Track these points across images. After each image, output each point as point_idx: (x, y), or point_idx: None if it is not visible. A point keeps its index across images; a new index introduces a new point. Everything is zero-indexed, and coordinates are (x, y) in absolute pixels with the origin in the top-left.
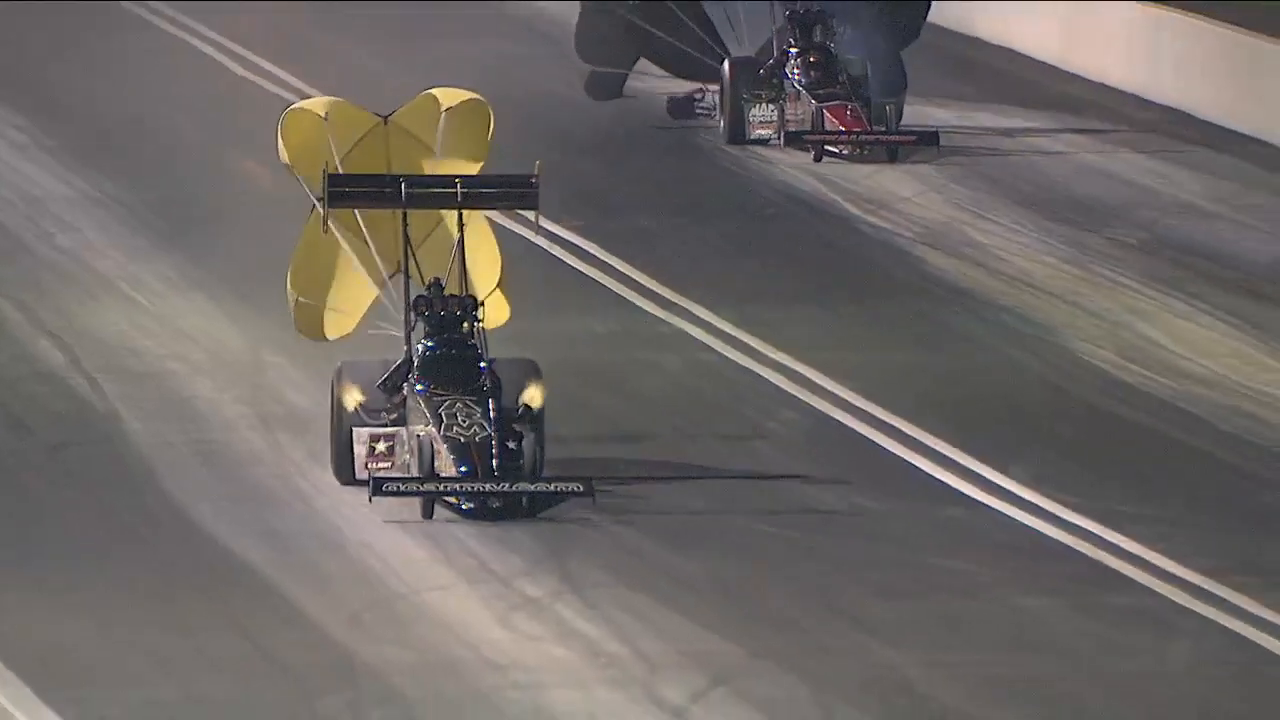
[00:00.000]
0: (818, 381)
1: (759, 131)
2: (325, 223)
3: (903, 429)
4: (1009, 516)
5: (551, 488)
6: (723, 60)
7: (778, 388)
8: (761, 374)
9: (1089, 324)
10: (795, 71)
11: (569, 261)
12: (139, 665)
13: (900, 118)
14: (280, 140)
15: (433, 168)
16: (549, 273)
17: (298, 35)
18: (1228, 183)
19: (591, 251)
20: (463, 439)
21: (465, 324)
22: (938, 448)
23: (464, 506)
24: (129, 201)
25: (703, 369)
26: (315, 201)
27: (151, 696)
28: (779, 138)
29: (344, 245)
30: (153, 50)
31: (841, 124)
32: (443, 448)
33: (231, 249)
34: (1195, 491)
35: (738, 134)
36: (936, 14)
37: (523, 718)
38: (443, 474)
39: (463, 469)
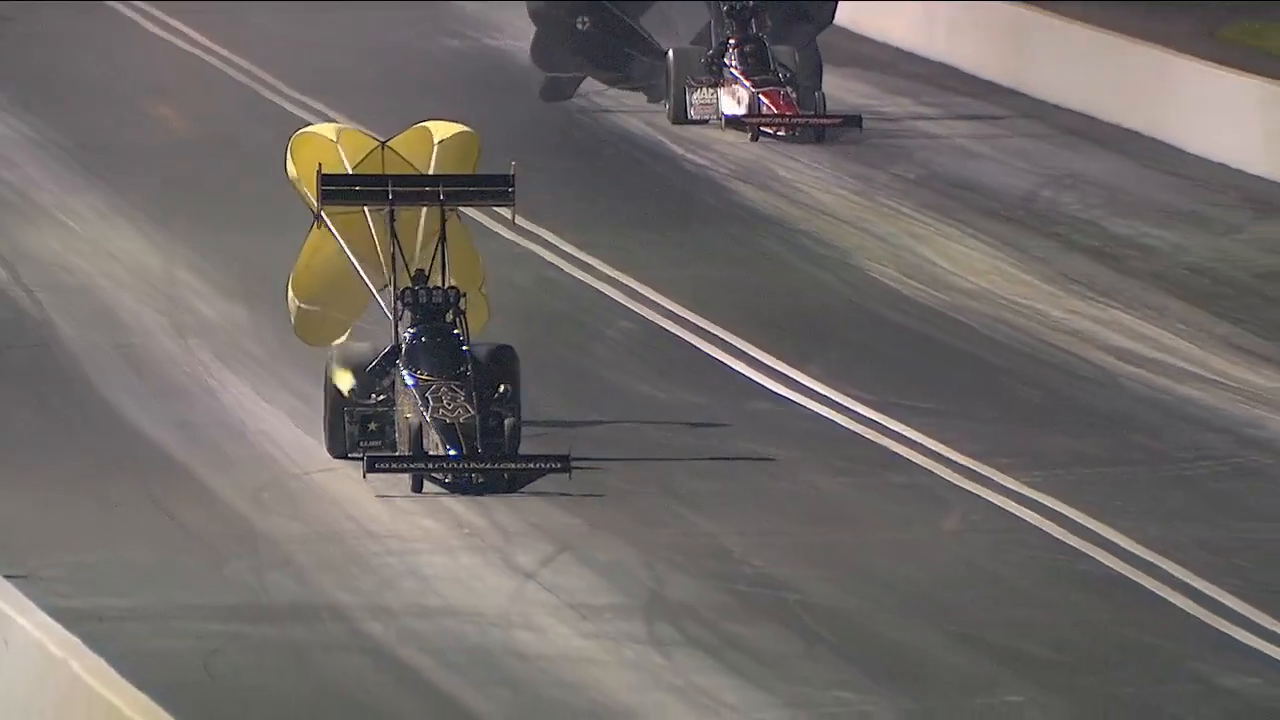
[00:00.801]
0: (648, 295)
1: (699, 114)
2: (319, 215)
3: (719, 334)
4: (807, 408)
5: (531, 465)
6: (666, 52)
7: (614, 300)
8: (600, 289)
9: (875, 246)
10: (733, 60)
11: None
12: (73, 534)
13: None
14: (289, 158)
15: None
16: None
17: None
18: (990, 127)
19: None
20: (449, 420)
21: (448, 313)
22: (748, 350)
23: (448, 480)
24: (63, 142)
25: (550, 284)
26: (316, 215)
27: (84, 560)
28: (720, 119)
29: (346, 252)
30: (81, 15)
31: (776, 108)
32: (431, 428)
33: (150, 183)
34: (963, 386)
35: (680, 116)
36: None
37: (397, 579)
38: (431, 453)
39: (450, 449)
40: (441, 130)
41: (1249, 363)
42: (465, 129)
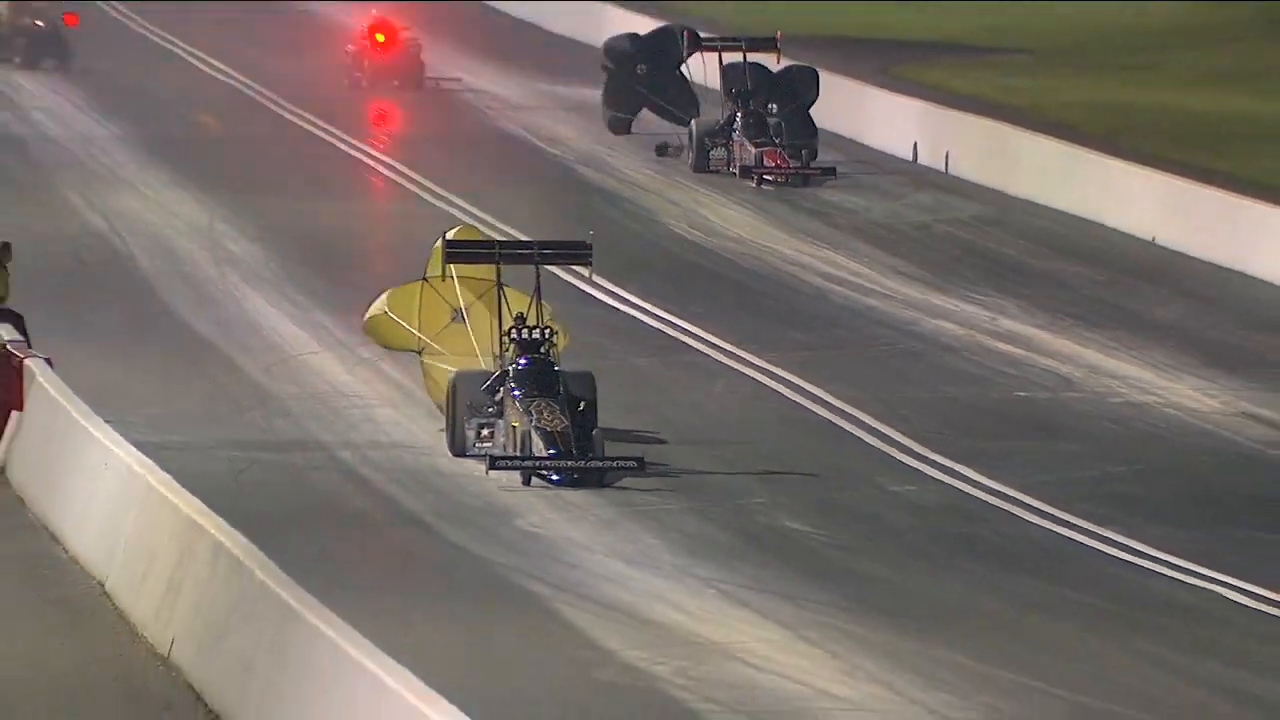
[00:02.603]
0: (516, 235)
1: (715, 166)
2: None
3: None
4: (626, 312)
5: (615, 464)
6: (690, 120)
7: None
8: (476, 225)
9: (672, 209)
10: (739, 127)
11: (335, 152)
12: (146, 393)
13: (816, 156)
14: (375, 341)
15: (462, 292)
16: (321, 160)
17: (234, 49)
18: None
19: (343, 144)
20: (549, 429)
21: (543, 346)
22: (576, 271)
23: (553, 478)
24: (139, 138)
25: (417, 218)
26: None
27: (152, 413)
28: (735, 170)
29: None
30: (141, 49)
31: (774, 162)
32: (535, 435)
33: (199, 165)
34: (728, 298)
35: (701, 167)
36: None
37: (359, 424)
38: (536, 454)
39: (551, 451)
40: (451, 233)
41: (909, 284)
42: (463, 225)
